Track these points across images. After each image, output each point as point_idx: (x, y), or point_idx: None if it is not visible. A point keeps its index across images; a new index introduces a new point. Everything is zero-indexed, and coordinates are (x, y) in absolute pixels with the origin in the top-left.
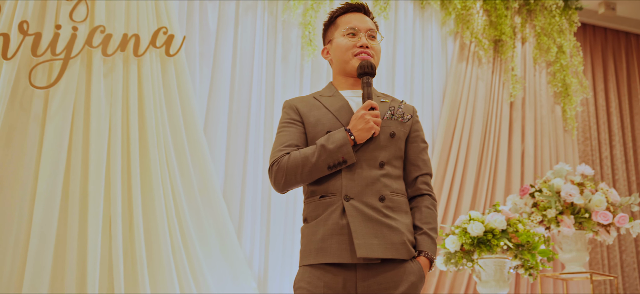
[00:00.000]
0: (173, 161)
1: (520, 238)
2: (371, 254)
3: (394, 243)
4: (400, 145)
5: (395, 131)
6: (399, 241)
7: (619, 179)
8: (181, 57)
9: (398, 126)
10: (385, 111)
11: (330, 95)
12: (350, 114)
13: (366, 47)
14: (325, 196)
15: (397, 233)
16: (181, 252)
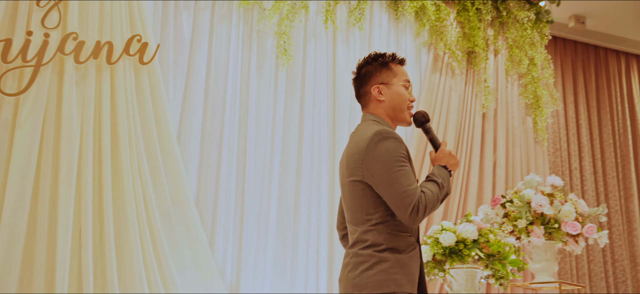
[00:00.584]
0: (145, 169)
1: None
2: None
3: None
4: None
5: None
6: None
7: (588, 190)
8: (155, 65)
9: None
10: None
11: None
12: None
13: (413, 103)
14: (411, 235)
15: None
16: (152, 260)
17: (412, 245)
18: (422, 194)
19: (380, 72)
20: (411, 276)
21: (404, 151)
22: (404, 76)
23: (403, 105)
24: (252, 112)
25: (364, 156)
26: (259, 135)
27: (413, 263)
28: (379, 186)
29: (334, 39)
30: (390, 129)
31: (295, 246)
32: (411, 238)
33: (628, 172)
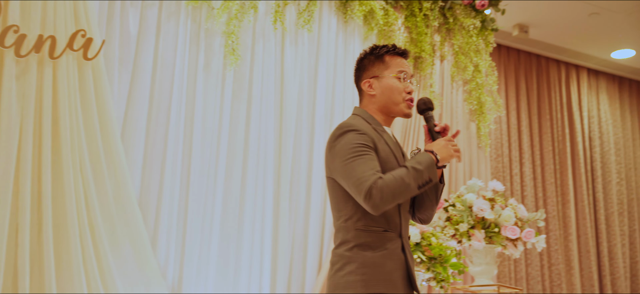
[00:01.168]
0: (87, 167)
1: (433, 251)
2: (420, 290)
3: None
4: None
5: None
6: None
7: (528, 195)
8: (99, 62)
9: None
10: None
11: (383, 131)
12: (401, 157)
13: (411, 94)
14: (388, 231)
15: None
16: (92, 260)
17: (388, 241)
18: (379, 178)
19: (372, 66)
20: (386, 275)
21: (364, 140)
22: (399, 67)
23: (396, 97)
24: (199, 112)
25: (327, 152)
26: (205, 134)
27: (388, 261)
28: (339, 179)
29: (282, 40)
30: (354, 122)
31: (239, 246)
32: (388, 233)
33: (566, 178)
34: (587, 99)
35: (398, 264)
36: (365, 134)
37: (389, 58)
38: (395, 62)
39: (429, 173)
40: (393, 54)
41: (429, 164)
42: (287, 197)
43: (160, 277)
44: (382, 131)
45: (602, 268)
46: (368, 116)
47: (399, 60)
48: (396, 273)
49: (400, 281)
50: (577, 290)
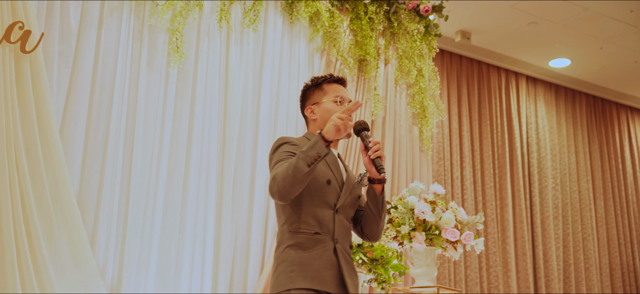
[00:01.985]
0: (24, 163)
1: (374, 252)
2: (353, 290)
3: (356, 285)
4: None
5: (360, 194)
6: (358, 283)
7: (468, 198)
8: (38, 55)
9: (361, 189)
10: (356, 177)
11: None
12: (339, 170)
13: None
14: (319, 233)
15: (357, 276)
16: (28, 259)
17: (319, 242)
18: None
19: (312, 94)
20: (313, 273)
21: (293, 150)
22: (336, 93)
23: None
24: (141, 109)
25: (269, 162)
26: (147, 132)
27: (316, 261)
28: None
29: (227, 40)
30: (292, 138)
31: (181, 246)
32: (318, 236)
33: (504, 183)
34: (525, 106)
35: (328, 264)
36: (296, 145)
37: (326, 86)
38: (332, 89)
39: (316, 149)
40: (330, 82)
41: (315, 142)
42: (230, 197)
43: (99, 277)
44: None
45: (537, 270)
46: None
47: (335, 86)
48: (325, 272)
49: (329, 280)
50: (514, 291)
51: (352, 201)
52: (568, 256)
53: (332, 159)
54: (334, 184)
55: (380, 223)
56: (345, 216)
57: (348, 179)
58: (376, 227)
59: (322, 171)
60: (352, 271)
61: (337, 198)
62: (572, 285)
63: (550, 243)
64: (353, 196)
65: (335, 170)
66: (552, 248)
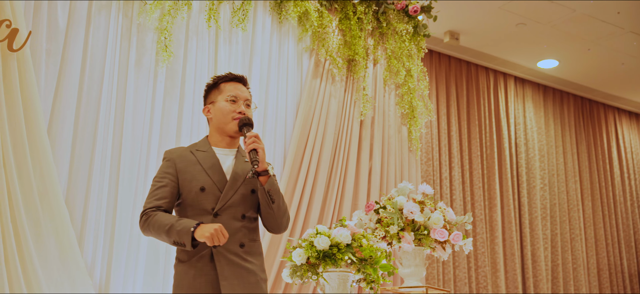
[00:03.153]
0: (11, 162)
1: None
2: (232, 291)
3: (251, 283)
4: (256, 198)
5: (255, 188)
6: (254, 281)
7: (456, 198)
8: (25, 53)
9: (256, 183)
10: (248, 170)
11: (205, 150)
12: (220, 172)
13: (243, 113)
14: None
15: (252, 274)
16: (15, 259)
17: (198, 251)
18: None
19: (210, 94)
20: (189, 282)
21: (165, 168)
22: (231, 92)
23: (226, 118)
24: (129, 108)
25: None
26: (136, 131)
27: (191, 270)
28: None
29: (216, 39)
30: (171, 150)
31: (169, 246)
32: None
33: (493, 183)
34: (513, 107)
35: (203, 270)
36: (169, 160)
37: (223, 85)
38: (228, 88)
39: (182, 238)
40: (227, 81)
41: (185, 232)
42: None
43: (87, 276)
44: (202, 152)
45: (525, 270)
46: (202, 140)
47: (232, 85)
48: (199, 279)
49: (203, 286)
50: (502, 291)
51: (241, 198)
52: (556, 256)
53: (211, 163)
54: (210, 189)
55: (273, 215)
56: (231, 216)
57: (233, 178)
58: (271, 220)
59: (196, 179)
60: (240, 271)
61: (216, 202)
62: (560, 285)
63: (538, 243)
64: (242, 192)
65: (215, 174)
66: (540, 248)
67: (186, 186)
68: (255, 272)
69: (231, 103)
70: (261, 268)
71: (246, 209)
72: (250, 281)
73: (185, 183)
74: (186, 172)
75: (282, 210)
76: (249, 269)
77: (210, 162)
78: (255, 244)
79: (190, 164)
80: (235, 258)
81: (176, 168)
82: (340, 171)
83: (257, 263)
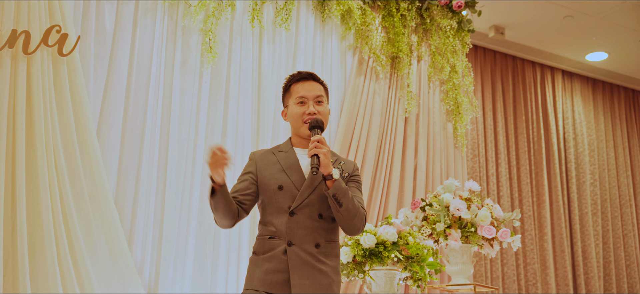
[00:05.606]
0: (62, 164)
1: (410, 250)
2: (302, 291)
3: (322, 285)
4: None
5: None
6: (326, 282)
7: (503, 195)
8: (75, 58)
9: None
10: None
11: (286, 151)
12: (299, 171)
13: (313, 113)
14: (273, 238)
15: (326, 276)
16: (67, 259)
17: (272, 247)
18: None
19: (284, 98)
20: (262, 274)
21: (246, 168)
22: (298, 93)
23: (297, 122)
24: (175, 109)
25: None
26: (182, 132)
27: (266, 263)
28: None
29: (260, 39)
30: (258, 150)
31: (216, 245)
32: (272, 240)
33: (541, 179)
34: (561, 101)
35: (276, 267)
36: (251, 159)
37: (293, 87)
38: (296, 90)
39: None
40: (295, 82)
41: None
42: None
43: (137, 276)
44: (283, 153)
45: (576, 268)
46: (285, 142)
47: (299, 86)
48: (272, 275)
49: (275, 281)
50: (552, 290)
51: (318, 198)
52: (608, 253)
53: (290, 163)
54: (288, 188)
55: (342, 218)
56: (307, 216)
57: (311, 178)
58: (341, 222)
59: (275, 178)
60: (312, 271)
61: (293, 200)
62: (613, 283)
63: (589, 240)
64: (320, 192)
65: (293, 173)
66: (591, 245)
67: (265, 185)
68: (329, 274)
69: (300, 105)
70: (335, 270)
71: (323, 209)
72: (322, 282)
73: (264, 181)
74: (266, 171)
75: (351, 212)
76: (322, 271)
77: (289, 162)
78: (331, 245)
79: (270, 164)
80: (309, 258)
81: (257, 166)
82: (385, 169)
83: (332, 264)
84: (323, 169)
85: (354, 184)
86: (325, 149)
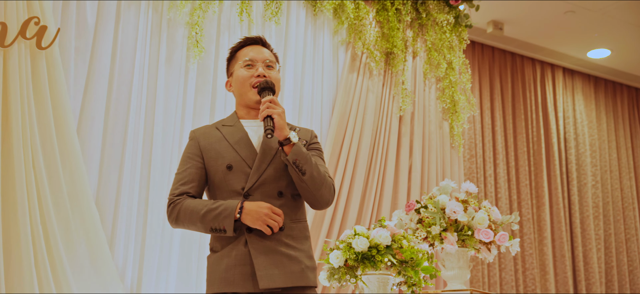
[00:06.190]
0: (40, 163)
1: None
2: (272, 284)
3: (294, 272)
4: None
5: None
6: (298, 269)
7: (501, 197)
8: (54, 51)
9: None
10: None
11: (231, 125)
12: (249, 146)
13: (263, 76)
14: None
15: (296, 262)
16: (45, 260)
17: (230, 239)
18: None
19: (228, 68)
20: (222, 273)
21: (189, 149)
22: (245, 56)
23: (244, 88)
24: (160, 105)
25: None
26: (167, 129)
27: (224, 260)
28: None
29: (249, 33)
30: (198, 128)
31: (202, 248)
32: (236, 232)
33: (540, 180)
34: (562, 99)
35: (237, 260)
36: (192, 139)
37: (238, 53)
38: (243, 53)
39: (224, 223)
40: (241, 47)
41: (227, 214)
42: None
43: (118, 279)
44: (229, 127)
45: (577, 273)
46: (230, 115)
47: (246, 50)
48: (233, 270)
49: (237, 278)
50: None
51: (275, 173)
52: (610, 257)
53: (238, 138)
54: (238, 166)
55: (306, 188)
56: (266, 195)
57: (263, 152)
58: (306, 193)
59: (222, 157)
60: (280, 258)
61: (246, 180)
62: (615, 288)
63: (590, 243)
64: (276, 166)
65: (242, 148)
66: (592, 249)
67: (212, 166)
68: (299, 259)
69: (247, 68)
70: (307, 254)
71: (283, 186)
72: (293, 269)
73: (211, 162)
74: (211, 149)
75: (317, 181)
76: (290, 256)
77: (237, 137)
78: (298, 225)
79: (216, 141)
80: (274, 244)
81: (200, 147)
82: (379, 169)
83: (302, 248)
84: (278, 132)
85: (315, 153)
86: (279, 110)
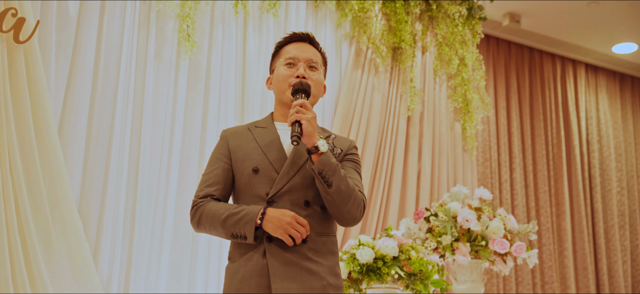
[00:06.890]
0: (18, 166)
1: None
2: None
3: (313, 288)
4: None
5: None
6: (318, 285)
7: (518, 205)
8: (33, 45)
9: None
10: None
11: (265, 127)
12: (280, 150)
13: (303, 77)
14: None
15: (317, 277)
16: (23, 273)
17: (248, 248)
18: (203, 205)
19: (271, 64)
20: (238, 283)
21: (217, 151)
22: (288, 54)
23: (282, 85)
24: (148, 105)
25: None
26: (156, 130)
27: (241, 270)
28: None
29: (245, 26)
30: (232, 127)
31: (194, 258)
32: (246, 239)
33: (561, 187)
34: (585, 98)
35: (254, 270)
36: (222, 138)
37: (282, 49)
38: (286, 50)
39: (245, 229)
40: (286, 44)
41: (248, 220)
42: None
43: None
44: (261, 129)
45: (601, 287)
46: (266, 116)
47: (290, 47)
48: (249, 281)
49: (254, 289)
50: None
51: (303, 181)
52: (637, 271)
53: (269, 140)
54: (265, 171)
55: (332, 202)
56: (292, 204)
57: (293, 157)
58: (332, 208)
59: (250, 159)
60: (299, 272)
61: (271, 186)
62: None
63: (615, 255)
64: (306, 174)
65: (272, 152)
66: (618, 262)
67: (239, 168)
68: (321, 275)
69: (288, 67)
70: (331, 270)
71: (311, 195)
72: (313, 285)
73: (238, 164)
74: (240, 151)
75: (344, 195)
76: (312, 271)
77: (268, 139)
78: (323, 239)
79: (246, 142)
80: (294, 256)
81: (229, 147)
82: (385, 174)
83: (326, 263)
84: (306, 139)
85: (350, 164)
86: (309, 115)
